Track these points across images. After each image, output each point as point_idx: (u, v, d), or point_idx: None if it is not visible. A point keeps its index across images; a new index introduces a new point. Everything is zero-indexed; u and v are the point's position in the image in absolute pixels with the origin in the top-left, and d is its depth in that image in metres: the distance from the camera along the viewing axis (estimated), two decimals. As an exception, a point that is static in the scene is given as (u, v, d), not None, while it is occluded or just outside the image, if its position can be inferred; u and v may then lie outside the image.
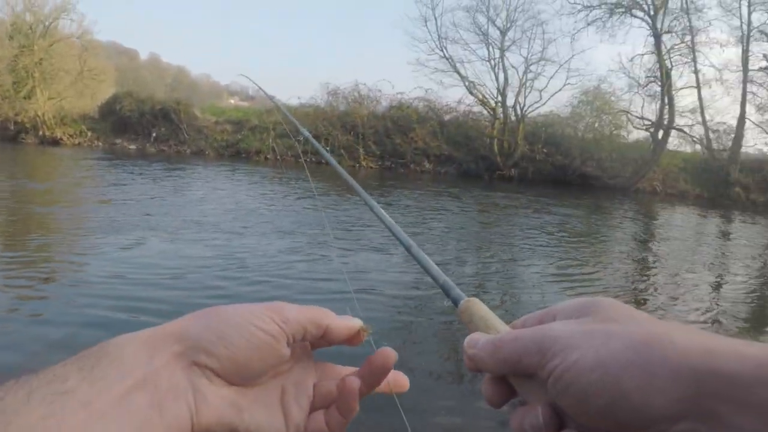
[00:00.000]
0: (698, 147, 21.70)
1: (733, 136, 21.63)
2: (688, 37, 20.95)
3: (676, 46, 20.92)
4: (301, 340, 0.39)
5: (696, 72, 21.18)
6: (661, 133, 20.23)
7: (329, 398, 0.41)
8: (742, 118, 21.83)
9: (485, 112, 19.78)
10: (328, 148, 20.88)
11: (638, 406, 0.26)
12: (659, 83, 20.26)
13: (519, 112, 19.49)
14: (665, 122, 20.23)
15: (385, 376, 0.40)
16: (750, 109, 22.17)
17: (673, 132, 20.71)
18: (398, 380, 0.42)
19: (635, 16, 20.91)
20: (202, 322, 0.36)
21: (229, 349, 0.35)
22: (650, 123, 20.37)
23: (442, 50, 19.88)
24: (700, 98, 21.22)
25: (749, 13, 22.02)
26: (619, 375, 0.26)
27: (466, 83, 19.54)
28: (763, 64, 22.45)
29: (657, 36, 20.35)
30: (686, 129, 21.12)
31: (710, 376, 0.24)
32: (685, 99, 26.28)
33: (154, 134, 21.78)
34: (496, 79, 19.59)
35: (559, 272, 5.81)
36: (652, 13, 20.58)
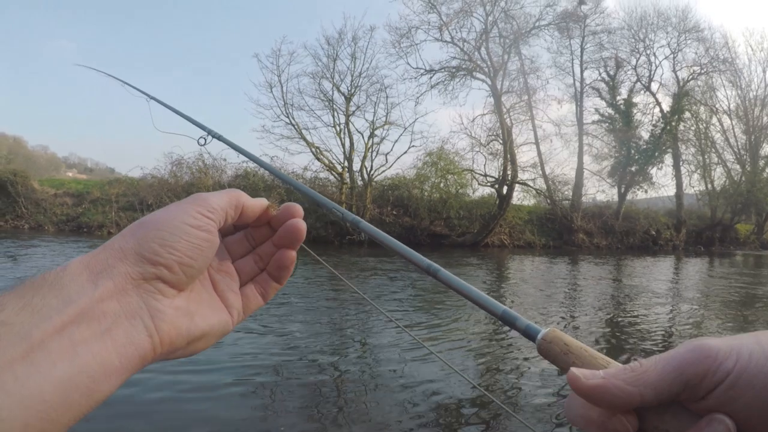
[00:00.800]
0: (541, 199, 23.19)
1: (573, 185, 23.36)
2: (526, 96, 22.49)
3: (516, 105, 22.38)
4: (223, 224, 0.39)
5: (534, 128, 22.77)
6: (505, 189, 21.36)
7: (251, 272, 0.44)
8: (580, 169, 23.64)
9: (332, 177, 20.00)
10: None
11: None
12: (501, 141, 21.46)
13: (366, 176, 19.87)
14: (509, 178, 21.41)
15: (300, 238, 0.43)
16: (587, 160, 24.13)
17: (517, 186, 22.00)
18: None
19: (476, 78, 22.16)
20: (139, 234, 0.34)
21: (174, 255, 0.34)
22: (494, 179, 21.47)
23: (287, 117, 19.93)
24: (539, 153, 22.77)
25: (582, 71, 24.08)
26: None
27: (313, 149, 19.68)
28: (596, 117, 24.60)
29: (497, 96, 21.61)
30: (529, 182, 22.55)
31: None
32: (527, 154, 28.31)
33: (-10, 208, 20.16)
34: (342, 144, 19.90)
35: (434, 333, 5.72)
36: (491, 75, 21.87)
